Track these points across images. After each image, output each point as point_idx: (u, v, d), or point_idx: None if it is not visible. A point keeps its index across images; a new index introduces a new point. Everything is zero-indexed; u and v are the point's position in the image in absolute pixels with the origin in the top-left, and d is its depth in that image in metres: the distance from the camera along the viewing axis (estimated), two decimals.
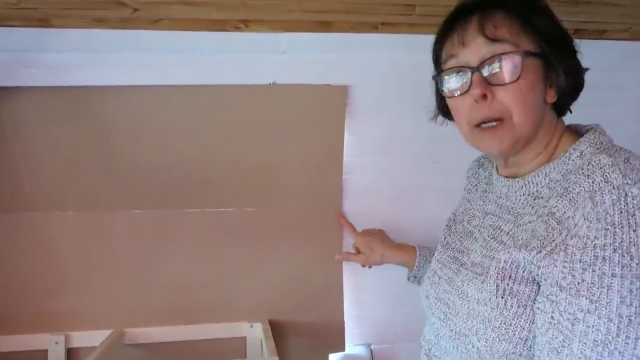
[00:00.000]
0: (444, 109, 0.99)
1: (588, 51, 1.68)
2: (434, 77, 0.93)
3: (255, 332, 1.64)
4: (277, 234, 1.66)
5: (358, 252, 1.56)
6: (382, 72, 1.60)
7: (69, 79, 1.41)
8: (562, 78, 0.84)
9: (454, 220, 1.08)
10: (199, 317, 1.63)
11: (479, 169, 1.10)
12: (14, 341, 1.52)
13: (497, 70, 0.81)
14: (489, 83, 0.81)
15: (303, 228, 1.67)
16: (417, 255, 1.40)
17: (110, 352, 1.45)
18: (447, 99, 0.91)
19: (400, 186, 1.70)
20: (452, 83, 0.87)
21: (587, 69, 0.89)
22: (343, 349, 1.74)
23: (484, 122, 0.84)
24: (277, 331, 1.63)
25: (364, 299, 1.77)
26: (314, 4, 1.36)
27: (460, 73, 0.85)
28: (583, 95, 0.97)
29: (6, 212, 1.51)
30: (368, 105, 1.62)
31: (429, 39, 0.99)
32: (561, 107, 0.90)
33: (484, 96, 0.81)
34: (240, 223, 1.63)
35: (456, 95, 0.86)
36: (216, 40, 1.45)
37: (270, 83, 1.54)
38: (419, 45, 1.03)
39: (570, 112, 0.94)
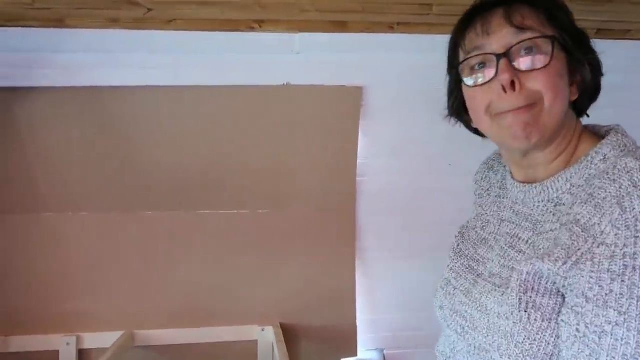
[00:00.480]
0: (457, 109, 0.94)
1: (611, 51, 1.65)
2: (454, 68, 0.88)
3: (266, 336, 1.63)
4: (289, 236, 1.64)
5: None
6: (398, 73, 1.58)
7: (83, 80, 1.41)
8: (587, 72, 0.80)
9: (467, 226, 1.03)
10: (210, 319, 1.62)
11: (488, 172, 1.05)
12: (26, 341, 1.53)
13: (527, 55, 0.77)
14: (516, 70, 0.77)
15: (316, 230, 1.65)
16: None
17: (121, 354, 1.44)
18: (467, 91, 0.86)
19: (415, 189, 1.67)
20: (476, 72, 0.81)
21: (602, 75, 0.86)
22: (355, 354, 1.72)
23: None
24: (289, 335, 1.62)
25: (378, 303, 1.74)
26: (329, 3, 1.34)
27: (485, 63, 0.80)
28: (607, 96, 0.93)
29: (20, 213, 1.51)
30: (383, 106, 1.60)
31: (446, 40, 0.95)
32: (581, 107, 0.86)
33: (512, 83, 0.76)
34: (253, 225, 1.62)
35: (479, 83, 0.80)
36: (230, 41, 1.43)
37: (284, 84, 1.52)
38: (436, 46, 1.00)
39: (588, 116, 0.90)
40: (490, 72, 0.78)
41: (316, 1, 1.31)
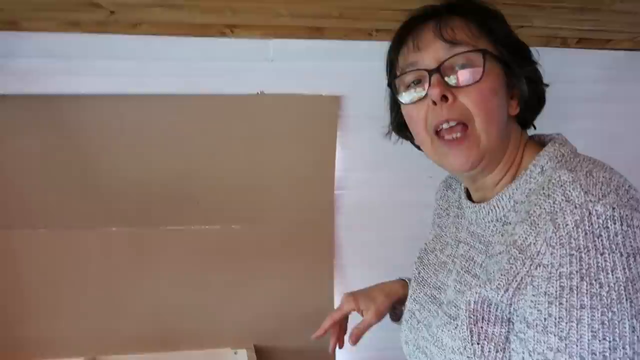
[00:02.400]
0: (398, 125, 0.92)
1: (592, 61, 1.64)
2: (388, 85, 0.85)
3: (239, 359, 1.54)
4: (264, 253, 1.57)
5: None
6: (377, 81, 1.50)
7: (40, 87, 1.31)
8: (525, 86, 0.77)
9: (425, 250, 0.99)
10: (179, 343, 1.53)
11: (447, 190, 1.01)
12: None
13: (458, 69, 0.74)
14: (448, 85, 0.75)
15: (292, 246, 1.58)
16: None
17: None
18: (403, 109, 0.84)
19: (395, 202, 1.62)
20: (412, 88, 0.79)
21: (547, 85, 0.82)
22: None
23: (444, 126, 0.76)
24: (263, 358, 1.55)
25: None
26: (304, 7, 1.28)
27: (420, 79, 0.78)
28: (587, 106, 0.91)
29: None
30: (362, 116, 1.54)
31: None
32: (524, 121, 0.83)
33: (444, 97, 0.74)
34: (225, 241, 1.54)
35: (414, 100, 0.79)
36: (200, 46, 1.36)
37: (257, 92, 1.46)
38: None
39: (534, 127, 0.86)
40: (422, 88, 0.77)
41: (291, 6, 1.26)
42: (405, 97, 0.80)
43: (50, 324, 1.46)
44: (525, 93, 0.77)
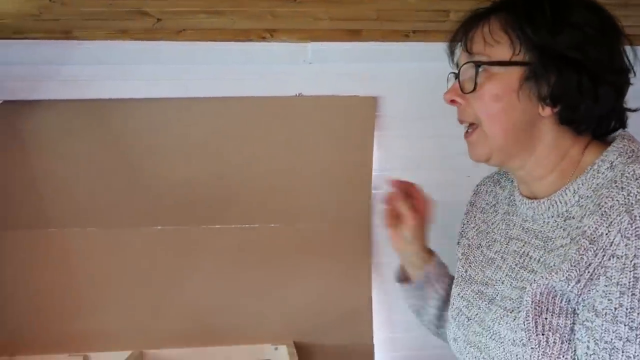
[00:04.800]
0: None
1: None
2: None
3: (279, 355, 1.57)
4: (302, 251, 1.59)
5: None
6: (413, 82, 1.54)
7: (90, 92, 1.38)
8: (546, 90, 0.74)
9: (469, 246, 0.99)
10: (221, 338, 1.57)
11: (495, 186, 1.01)
12: None
13: (467, 77, 0.81)
14: (463, 91, 0.81)
15: (330, 245, 1.60)
16: (435, 262, 1.16)
17: None
18: None
19: (434, 201, 1.62)
20: None
21: (629, 83, 0.80)
22: None
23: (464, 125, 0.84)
24: (302, 354, 1.56)
25: (396, 321, 1.68)
26: (343, 11, 1.31)
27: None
28: None
29: (25, 229, 1.47)
30: (399, 116, 1.56)
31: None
32: (574, 122, 0.77)
33: (453, 101, 0.83)
34: (265, 240, 1.57)
35: None
36: (241, 51, 1.41)
37: (296, 94, 1.49)
38: None
39: (623, 127, 0.83)
40: None
41: (330, 9, 1.28)
42: None
43: (100, 318, 1.52)
44: (550, 95, 0.75)
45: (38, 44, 1.31)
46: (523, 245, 0.82)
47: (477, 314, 0.84)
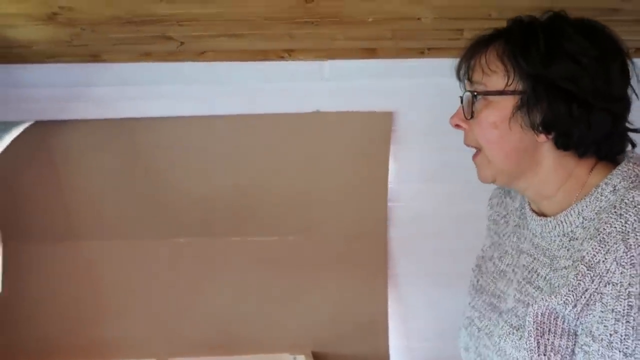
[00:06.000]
0: None
1: None
2: None
3: None
4: (320, 263, 1.64)
5: None
6: (429, 97, 1.56)
7: (117, 112, 1.45)
8: (539, 118, 0.76)
9: (483, 257, 1.01)
10: (241, 348, 1.62)
11: (505, 197, 1.02)
12: None
13: (468, 105, 0.83)
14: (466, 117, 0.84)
15: (347, 257, 1.64)
16: None
17: None
18: None
19: (448, 214, 1.65)
20: None
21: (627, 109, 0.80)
22: None
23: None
24: None
25: (412, 331, 1.71)
26: (359, 31, 1.34)
27: None
28: None
29: (54, 241, 1.55)
30: (414, 131, 1.59)
31: None
32: (571, 147, 0.78)
33: (457, 125, 0.84)
34: (283, 252, 1.62)
35: None
36: (260, 70, 1.46)
37: (314, 111, 1.53)
38: None
39: (633, 145, 0.84)
40: None
41: (346, 30, 1.32)
42: None
43: (125, 327, 1.58)
44: (540, 124, 0.76)
45: (68, 67, 1.38)
46: (532, 261, 0.84)
47: (487, 326, 0.87)
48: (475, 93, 0.80)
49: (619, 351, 0.64)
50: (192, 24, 1.22)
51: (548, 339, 0.71)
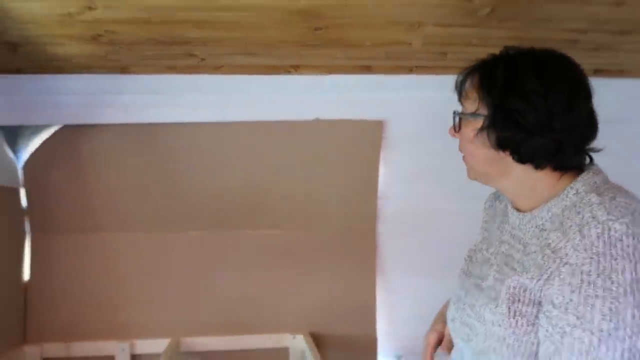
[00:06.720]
0: None
1: (608, 88, 1.79)
2: None
3: (297, 343, 1.80)
4: (317, 254, 1.83)
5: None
6: (416, 108, 1.76)
7: (140, 117, 1.61)
8: (494, 138, 0.93)
9: (474, 249, 1.20)
10: (247, 328, 1.80)
11: (495, 201, 1.22)
12: (85, 347, 1.71)
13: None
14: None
15: (341, 248, 1.84)
16: None
17: (170, 358, 1.62)
18: None
19: (430, 211, 1.84)
20: None
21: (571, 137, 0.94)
22: None
23: None
24: (317, 342, 1.78)
25: (396, 315, 1.90)
26: (357, 52, 1.53)
27: None
28: (604, 128, 1.06)
29: (81, 232, 1.71)
30: (402, 138, 1.78)
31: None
32: (539, 162, 0.95)
33: (453, 135, 1.01)
34: (285, 244, 1.81)
35: None
36: (268, 82, 1.63)
37: (314, 119, 1.71)
38: (449, 85, 1.07)
39: (590, 159, 1.04)
40: None
41: (346, 51, 1.50)
42: None
43: (144, 311, 1.75)
44: (495, 144, 0.93)
45: (97, 77, 1.53)
46: (509, 248, 1.02)
47: (471, 300, 1.05)
48: (458, 114, 0.99)
49: (573, 315, 0.81)
50: (215, 45, 1.38)
51: (517, 307, 0.89)
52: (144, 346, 1.74)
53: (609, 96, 1.02)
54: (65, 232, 1.70)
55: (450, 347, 1.15)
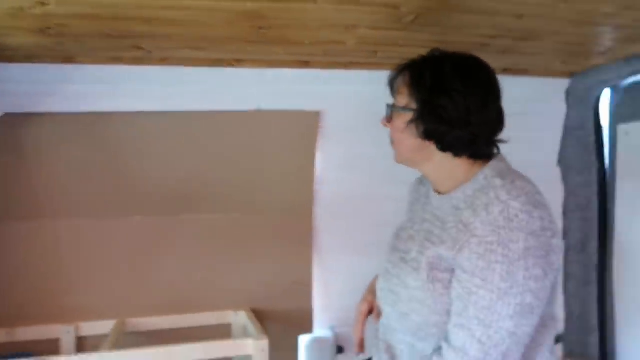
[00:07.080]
0: None
1: (514, 85, 2.01)
2: None
3: (239, 319, 1.91)
4: (258, 236, 1.94)
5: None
6: (350, 101, 1.90)
7: (85, 106, 1.63)
8: (422, 129, 1.09)
9: (401, 227, 1.37)
10: (191, 307, 1.89)
11: (419, 185, 1.39)
12: (30, 332, 1.73)
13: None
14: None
15: (280, 231, 1.96)
16: None
17: (117, 339, 1.68)
18: None
19: (362, 195, 2.00)
20: None
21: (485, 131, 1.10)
22: (311, 331, 2.04)
23: None
24: (258, 317, 1.89)
25: (331, 290, 2.06)
26: (296, 49, 1.64)
27: None
28: (511, 120, 1.25)
29: (24, 219, 1.71)
30: (337, 128, 1.92)
31: (387, 75, 1.21)
32: (458, 151, 1.12)
33: (385, 125, 1.16)
34: (227, 227, 1.90)
35: None
36: (213, 75, 1.71)
37: (256, 109, 1.81)
38: (381, 80, 1.22)
39: (498, 150, 1.22)
40: None
41: (287, 48, 1.61)
42: None
43: (89, 294, 1.79)
44: (422, 136, 1.09)
45: (42, 67, 1.54)
46: (430, 225, 1.18)
47: (397, 271, 1.21)
48: (390, 107, 1.14)
49: (479, 278, 0.98)
50: (163, 39, 1.44)
51: (435, 274, 1.06)
52: (90, 328, 1.78)
53: (514, 92, 1.18)
54: (8, 219, 1.69)
55: (379, 315, 1.31)
